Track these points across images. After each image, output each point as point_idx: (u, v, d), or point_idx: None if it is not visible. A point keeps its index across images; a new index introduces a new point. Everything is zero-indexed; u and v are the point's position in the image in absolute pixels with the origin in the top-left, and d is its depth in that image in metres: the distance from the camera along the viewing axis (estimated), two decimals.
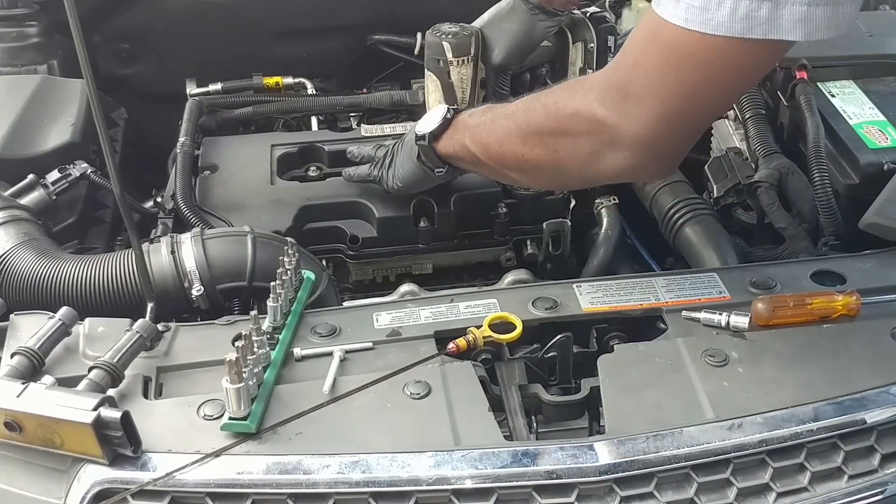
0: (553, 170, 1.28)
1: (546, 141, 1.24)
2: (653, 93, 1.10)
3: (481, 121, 1.37)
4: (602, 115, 1.15)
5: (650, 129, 1.12)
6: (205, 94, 2.01)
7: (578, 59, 1.57)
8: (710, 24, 1.02)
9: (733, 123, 1.79)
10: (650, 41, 1.11)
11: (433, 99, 1.50)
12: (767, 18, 1.00)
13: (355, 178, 1.63)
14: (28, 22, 2.01)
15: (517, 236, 1.71)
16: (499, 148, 1.32)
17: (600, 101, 1.15)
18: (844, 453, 1.13)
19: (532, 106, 1.28)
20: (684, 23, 1.04)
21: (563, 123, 1.21)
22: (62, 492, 1.07)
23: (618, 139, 1.15)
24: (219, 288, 1.40)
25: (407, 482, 1.05)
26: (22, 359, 1.14)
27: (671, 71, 1.08)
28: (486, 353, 1.25)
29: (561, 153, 1.23)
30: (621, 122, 1.13)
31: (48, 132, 1.70)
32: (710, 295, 1.31)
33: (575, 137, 1.20)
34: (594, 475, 1.06)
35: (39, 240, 1.46)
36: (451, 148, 1.43)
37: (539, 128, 1.25)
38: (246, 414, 1.09)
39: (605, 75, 1.18)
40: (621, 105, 1.13)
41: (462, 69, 1.47)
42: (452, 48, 1.45)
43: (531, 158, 1.28)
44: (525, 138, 1.27)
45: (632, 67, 1.13)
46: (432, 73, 1.49)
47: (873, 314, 1.27)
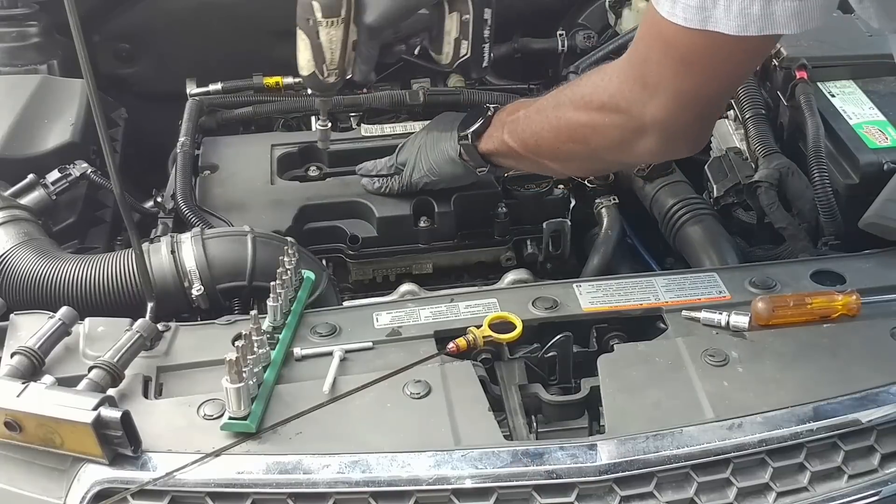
0: (588, 158, 1.37)
1: (577, 134, 1.31)
2: (665, 83, 1.16)
3: (516, 116, 1.44)
4: (625, 107, 1.22)
5: (670, 114, 1.19)
6: (205, 94, 2.01)
7: (454, 30, 1.58)
8: (709, 23, 1.06)
9: (733, 123, 1.79)
10: (654, 38, 1.16)
11: (303, 58, 1.47)
12: (761, 15, 1.04)
13: (376, 183, 1.65)
14: (28, 22, 2.01)
15: (517, 236, 1.70)
16: (535, 142, 1.39)
17: (621, 94, 1.22)
18: (844, 453, 1.13)
19: (560, 101, 1.35)
20: (683, 22, 1.08)
21: (591, 117, 1.28)
22: (62, 491, 1.07)
23: (643, 127, 1.22)
24: (219, 288, 1.40)
25: (407, 482, 1.05)
26: (22, 358, 1.14)
27: (678, 64, 1.14)
28: (486, 353, 1.25)
29: (592, 144, 1.31)
30: (643, 111, 1.20)
31: (48, 132, 1.70)
32: (710, 295, 1.31)
33: (603, 129, 1.27)
34: (594, 475, 1.06)
35: (39, 240, 1.46)
36: (491, 145, 1.49)
37: (569, 122, 1.32)
38: (246, 414, 1.09)
39: (621, 68, 1.24)
40: (640, 96, 1.20)
41: (331, 30, 1.43)
42: (322, 7, 1.40)
43: (566, 150, 1.36)
44: (557, 132, 1.35)
45: (643, 62, 1.19)
46: (301, 30, 1.44)
47: (873, 314, 1.27)
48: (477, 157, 1.52)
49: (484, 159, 1.52)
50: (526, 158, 1.45)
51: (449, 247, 1.68)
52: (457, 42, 1.58)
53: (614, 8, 2.14)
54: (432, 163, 1.58)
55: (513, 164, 1.54)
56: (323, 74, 1.47)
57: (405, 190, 1.63)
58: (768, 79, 1.77)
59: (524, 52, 2.16)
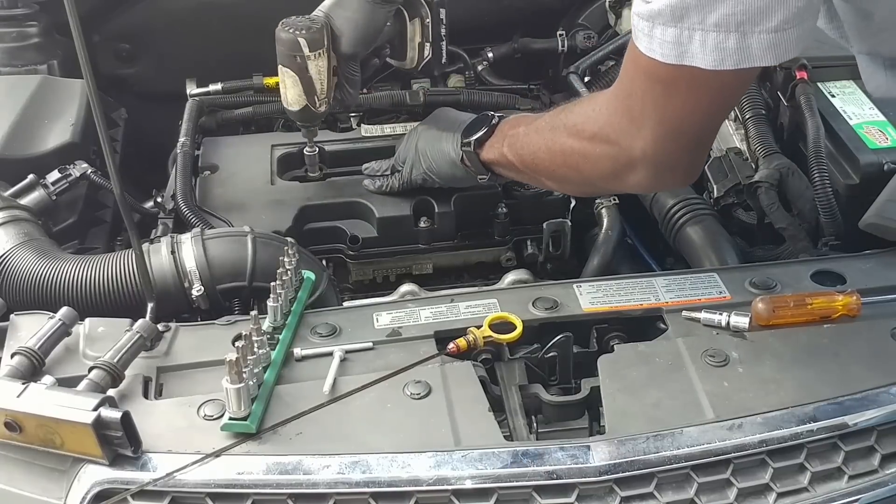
0: (582, 183, 1.39)
1: (570, 160, 1.32)
2: (650, 116, 1.16)
3: (515, 132, 1.45)
4: (615, 139, 1.22)
5: (658, 147, 1.18)
6: (205, 94, 2.01)
7: (417, 35, 1.62)
8: (685, 57, 1.06)
9: (733, 123, 1.79)
10: (636, 72, 1.16)
11: (293, 94, 1.52)
12: (736, 48, 1.04)
13: (377, 182, 1.67)
14: (28, 22, 2.01)
15: (517, 236, 1.71)
16: (532, 160, 1.40)
17: (610, 126, 1.23)
18: (844, 453, 1.13)
19: (556, 125, 1.35)
20: (661, 57, 1.08)
21: (583, 146, 1.28)
22: (62, 492, 1.07)
23: (632, 159, 1.21)
24: (219, 288, 1.40)
25: (407, 482, 1.05)
26: (22, 359, 1.14)
27: (660, 98, 1.14)
28: (486, 353, 1.25)
29: (585, 172, 1.32)
30: (632, 144, 1.20)
31: (48, 132, 1.70)
32: (710, 295, 1.31)
33: (595, 159, 1.27)
34: (594, 475, 1.06)
35: (39, 240, 1.46)
36: (493, 155, 1.49)
37: (563, 148, 1.33)
38: (246, 414, 1.09)
39: (609, 101, 1.24)
40: (628, 128, 1.20)
41: (319, 62, 1.47)
42: (308, 43, 1.45)
43: (560, 173, 1.37)
44: (552, 156, 1.36)
45: (629, 95, 1.19)
46: (289, 69, 1.49)
47: (873, 314, 1.27)
48: (479, 165, 1.52)
49: (485, 167, 1.52)
50: (524, 173, 1.47)
51: (449, 247, 1.68)
52: (420, 46, 1.64)
53: (614, 8, 2.14)
54: (431, 161, 1.59)
55: (512, 176, 1.54)
56: (315, 106, 1.53)
57: (405, 187, 1.63)
58: (768, 79, 1.77)
59: (524, 52, 2.16)
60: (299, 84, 1.49)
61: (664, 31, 1.06)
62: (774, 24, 1.02)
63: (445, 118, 1.64)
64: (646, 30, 1.09)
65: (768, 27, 1.02)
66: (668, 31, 1.06)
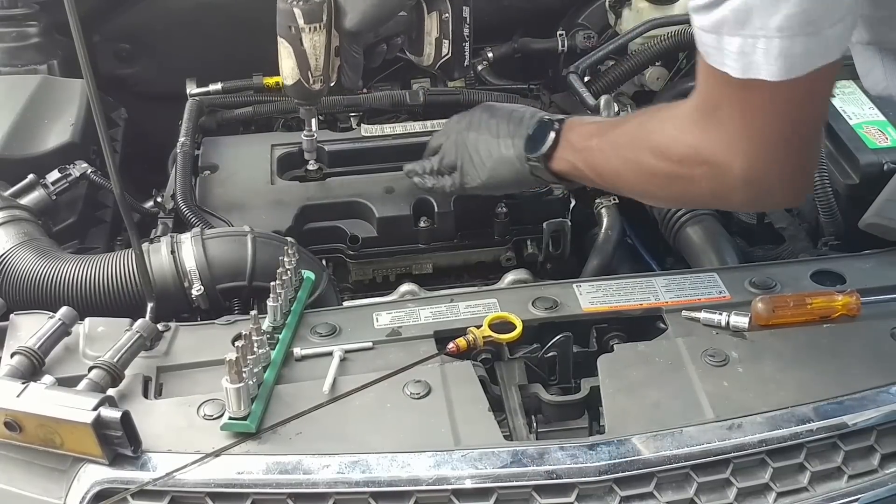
0: (675, 201, 1.37)
1: (663, 183, 1.24)
2: (740, 132, 1.09)
3: (588, 145, 1.37)
4: (709, 159, 1.13)
5: (755, 165, 1.11)
6: (205, 94, 2.01)
7: (434, 30, 1.56)
8: (751, 69, 1.01)
9: None
10: (714, 86, 1.09)
11: (287, 66, 1.47)
12: (804, 52, 0.99)
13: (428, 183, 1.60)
14: (28, 22, 2.01)
15: (517, 236, 1.70)
16: (613, 178, 1.34)
17: (701, 146, 1.14)
18: (844, 453, 1.13)
19: (637, 144, 1.26)
20: (732, 71, 1.03)
21: (674, 169, 1.19)
22: (62, 492, 1.07)
23: (732, 180, 1.13)
24: (219, 288, 1.40)
25: (407, 482, 1.05)
26: (22, 358, 1.14)
27: (744, 113, 1.08)
28: (486, 353, 1.25)
29: (684, 195, 1.27)
30: (729, 164, 1.11)
31: (48, 132, 1.70)
32: (710, 295, 1.31)
33: (691, 182, 1.18)
34: (594, 475, 1.06)
35: (39, 240, 1.46)
36: (564, 166, 1.40)
37: (652, 170, 1.23)
38: (246, 414, 1.09)
39: (696, 118, 1.15)
40: (719, 147, 1.12)
41: (314, 36, 1.43)
42: (304, 14, 1.41)
43: (653, 193, 1.31)
44: (639, 176, 1.27)
45: (713, 110, 1.12)
46: (284, 39, 1.45)
47: (873, 314, 1.27)
48: (549, 176, 1.44)
49: (556, 177, 1.43)
50: (602, 186, 1.44)
51: (449, 247, 1.67)
52: (438, 42, 1.57)
53: (614, 8, 2.14)
54: (492, 173, 1.48)
55: (589, 185, 1.49)
56: (309, 82, 1.48)
57: (457, 192, 1.58)
58: None
59: (524, 52, 2.16)
60: (293, 57, 1.45)
61: (730, 41, 1.01)
62: (840, 15, 0.98)
63: (495, 121, 1.51)
64: (713, 42, 1.03)
65: (834, 19, 0.98)
66: (734, 42, 1.01)
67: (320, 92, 1.51)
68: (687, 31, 1.90)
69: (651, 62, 1.98)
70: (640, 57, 1.95)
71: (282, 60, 1.48)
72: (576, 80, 1.91)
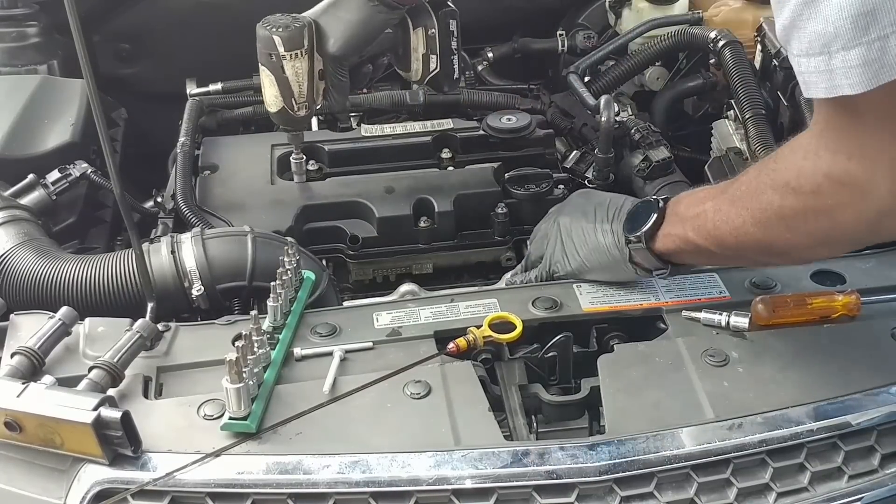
0: (813, 248, 1.13)
1: (794, 225, 1.08)
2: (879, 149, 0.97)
3: (701, 210, 1.20)
4: (850, 183, 1.00)
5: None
6: (205, 94, 2.01)
7: (420, 46, 1.55)
8: (882, 74, 0.89)
9: (733, 123, 1.79)
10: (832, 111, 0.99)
11: (270, 94, 1.46)
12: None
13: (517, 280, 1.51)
14: (28, 22, 2.01)
15: (517, 236, 1.70)
16: (735, 240, 1.16)
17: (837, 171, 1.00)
18: (844, 453, 1.13)
19: (758, 189, 1.11)
20: (851, 89, 0.91)
21: (810, 202, 1.04)
22: (62, 492, 1.07)
23: (881, 202, 0.99)
24: (219, 288, 1.40)
25: (407, 482, 1.05)
26: (22, 359, 1.14)
27: (876, 130, 0.96)
28: (486, 353, 1.25)
29: (828, 235, 1.07)
30: (873, 184, 0.97)
31: (48, 132, 1.70)
32: (710, 295, 1.32)
33: (832, 213, 1.03)
34: (594, 475, 1.06)
35: (39, 240, 1.46)
36: (670, 244, 1.25)
37: (779, 212, 1.08)
38: (246, 414, 1.09)
39: (822, 143, 1.02)
40: (858, 168, 0.98)
41: (296, 63, 1.41)
42: (283, 41, 1.39)
43: (780, 244, 1.12)
44: (766, 226, 1.11)
45: (841, 131, 1.00)
46: (265, 67, 1.43)
47: (873, 314, 1.27)
48: (652, 260, 1.28)
49: (660, 259, 1.28)
50: (720, 256, 1.22)
51: (449, 247, 1.67)
52: (425, 58, 1.56)
53: (614, 8, 2.14)
54: (585, 265, 1.36)
55: (703, 262, 1.32)
56: (293, 109, 1.47)
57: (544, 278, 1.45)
58: (768, 79, 1.77)
59: (524, 52, 2.16)
60: (275, 84, 1.44)
61: (845, 56, 0.89)
62: None
63: (592, 203, 1.40)
64: (821, 67, 0.92)
65: None
66: (852, 54, 0.89)
67: (306, 118, 1.50)
68: (687, 31, 1.90)
69: (651, 62, 1.98)
70: (640, 57, 1.95)
71: (264, 88, 1.47)
72: (576, 80, 1.91)
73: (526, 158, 1.77)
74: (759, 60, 1.80)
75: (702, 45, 1.86)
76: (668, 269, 1.29)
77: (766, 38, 1.76)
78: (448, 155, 1.79)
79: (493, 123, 1.79)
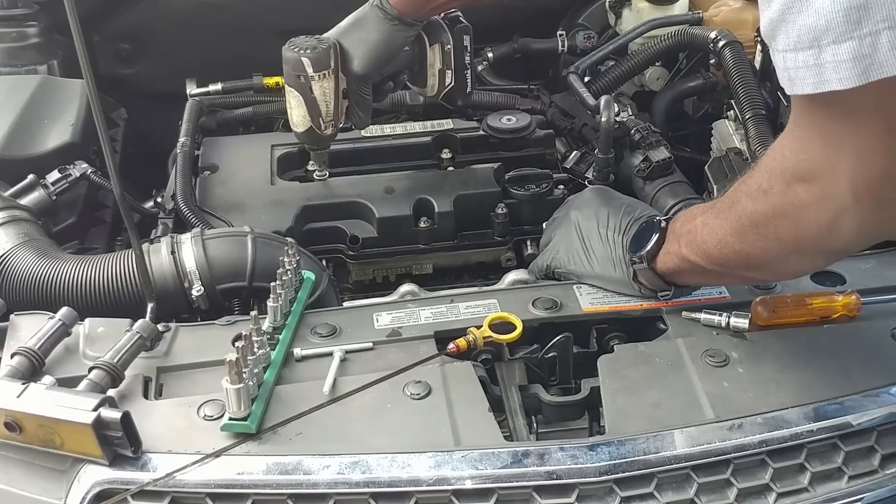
0: (787, 257, 1.11)
1: (764, 231, 1.08)
2: (848, 145, 0.95)
3: (692, 226, 1.21)
4: (814, 175, 0.99)
5: (871, 169, 0.95)
6: (205, 95, 2.01)
7: (437, 62, 1.58)
8: (872, 71, 0.87)
9: (733, 124, 1.79)
10: (813, 111, 0.98)
11: (298, 115, 1.49)
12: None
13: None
14: (28, 22, 2.01)
15: (517, 236, 1.70)
16: (718, 252, 1.16)
17: (803, 164, 1.00)
18: (845, 454, 1.13)
19: (736, 198, 1.11)
20: (840, 84, 0.89)
21: (775, 204, 1.04)
22: (62, 492, 1.07)
23: (841, 196, 0.97)
24: (219, 288, 1.40)
25: (407, 482, 1.05)
26: (22, 359, 1.14)
27: (854, 128, 0.94)
28: (486, 354, 1.25)
29: (788, 237, 1.06)
30: (836, 175, 0.96)
31: (48, 132, 1.70)
32: (710, 295, 1.32)
33: (796, 214, 1.02)
34: (594, 476, 1.06)
35: (39, 240, 1.46)
36: (671, 263, 1.25)
37: (752, 218, 1.09)
38: (246, 414, 1.09)
39: (791, 141, 1.03)
40: (825, 158, 0.97)
41: (324, 83, 1.45)
42: (312, 63, 1.43)
43: (757, 255, 1.11)
44: (742, 234, 1.11)
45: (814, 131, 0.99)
46: (294, 88, 1.47)
47: (873, 314, 1.27)
48: (657, 281, 1.28)
49: (664, 280, 1.28)
50: (711, 273, 1.21)
51: (449, 247, 1.67)
52: (441, 73, 1.59)
53: (614, 8, 2.14)
54: (588, 267, 1.36)
55: (700, 281, 1.29)
56: (320, 128, 1.50)
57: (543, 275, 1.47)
58: (768, 79, 1.77)
59: (524, 52, 2.16)
60: (303, 105, 1.47)
61: (836, 49, 0.87)
62: None
63: (607, 205, 1.39)
64: (810, 61, 0.89)
65: None
66: (843, 48, 0.86)
67: (332, 136, 1.54)
68: (687, 31, 1.90)
69: (651, 62, 1.98)
70: (640, 57, 1.95)
71: (292, 109, 1.49)
72: (576, 81, 1.91)
73: (526, 159, 1.77)
74: (759, 60, 1.80)
75: (702, 45, 1.85)
76: (672, 290, 1.29)
77: None
78: (448, 155, 1.79)
79: (493, 124, 1.79)
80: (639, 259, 1.27)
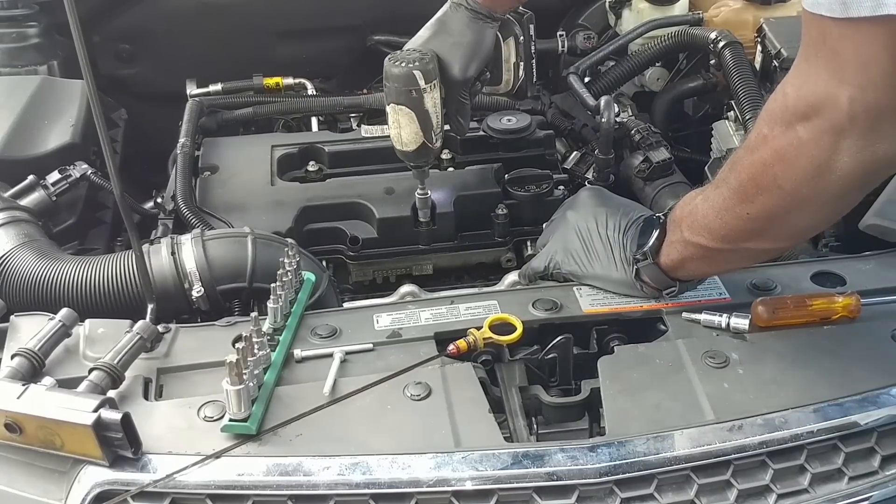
0: (787, 210, 1.08)
1: (763, 182, 1.06)
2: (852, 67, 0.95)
3: (692, 206, 1.20)
4: (814, 103, 0.98)
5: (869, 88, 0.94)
6: (205, 95, 2.01)
7: (512, 55, 1.57)
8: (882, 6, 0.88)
9: (733, 124, 1.79)
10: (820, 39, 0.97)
11: (409, 133, 1.43)
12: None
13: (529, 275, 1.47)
14: (28, 22, 2.01)
15: (517, 237, 1.70)
16: (721, 222, 1.14)
17: (804, 95, 1.00)
18: (845, 455, 1.13)
19: (735, 159, 1.12)
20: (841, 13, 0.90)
21: (773, 147, 1.04)
22: (62, 493, 1.07)
23: (840, 117, 0.96)
24: (219, 289, 1.40)
25: (407, 484, 1.05)
26: (22, 360, 1.14)
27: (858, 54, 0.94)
28: (486, 355, 1.25)
29: (786, 186, 1.05)
30: (837, 97, 0.96)
31: (48, 133, 1.70)
32: (710, 296, 1.32)
33: (794, 152, 1.01)
34: (594, 477, 1.06)
35: (40, 241, 1.46)
36: (675, 253, 1.23)
37: (750, 170, 1.08)
38: (246, 415, 1.09)
39: (792, 76, 1.03)
40: (826, 82, 0.97)
41: (434, 94, 1.41)
42: (423, 75, 1.39)
43: (758, 212, 1.09)
44: (742, 192, 1.10)
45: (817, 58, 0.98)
46: (405, 105, 1.40)
47: (873, 316, 1.27)
48: (662, 278, 1.27)
49: (669, 276, 1.26)
50: (717, 251, 1.18)
51: (449, 248, 1.67)
52: (515, 67, 1.57)
53: (614, 8, 2.14)
54: (587, 268, 1.34)
55: (705, 269, 1.27)
56: (432, 142, 1.45)
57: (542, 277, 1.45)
58: (768, 79, 1.77)
59: None
60: (415, 121, 1.41)
61: None
62: None
63: (606, 206, 1.39)
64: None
65: None
66: None
67: (441, 149, 1.50)
68: (687, 32, 1.90)
69: (651, 63, 1.98)
70: (640, 57, 1.95)
71: (401, 128, 1.43)
72: (576, 81, 1.91)
73: (526, 159, 1.77)
74: (759, 61, 1.80)
75: (702, 45, 1.86)
76: (677, 286, 1.28)
77: (767, 38, 1.76)
78: (448, 156, 1.79)
79: (494, 124, 1.78)
80: (642, 256, 1.27)
